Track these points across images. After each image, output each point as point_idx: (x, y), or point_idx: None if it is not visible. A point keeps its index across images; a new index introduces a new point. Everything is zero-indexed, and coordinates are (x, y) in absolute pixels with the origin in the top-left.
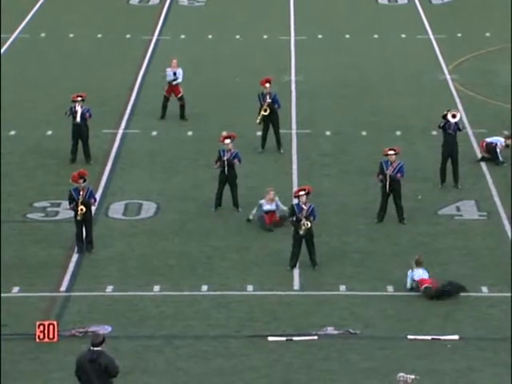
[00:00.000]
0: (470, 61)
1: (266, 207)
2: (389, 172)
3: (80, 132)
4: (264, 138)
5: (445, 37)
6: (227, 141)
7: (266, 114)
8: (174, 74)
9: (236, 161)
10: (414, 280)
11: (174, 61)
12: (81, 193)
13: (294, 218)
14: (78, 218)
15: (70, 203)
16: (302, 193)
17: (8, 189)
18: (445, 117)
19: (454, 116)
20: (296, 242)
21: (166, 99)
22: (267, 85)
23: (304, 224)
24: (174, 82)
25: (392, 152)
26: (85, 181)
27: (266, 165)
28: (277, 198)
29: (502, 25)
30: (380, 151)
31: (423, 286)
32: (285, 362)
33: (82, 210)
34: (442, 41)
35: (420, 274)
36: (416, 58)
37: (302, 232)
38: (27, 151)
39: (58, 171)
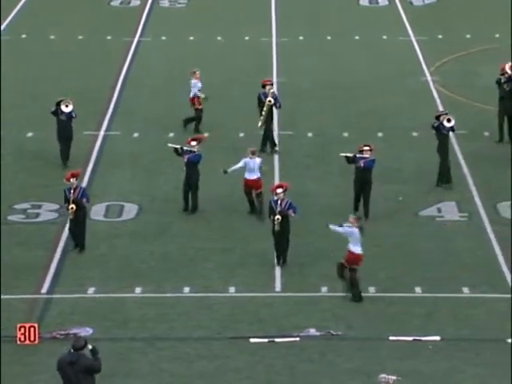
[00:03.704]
0: (451, 62)
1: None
2: (358, 160)
3: (66, 132)
4: (267, 139)
5: (426, 38)
6: (193, 143)
7: (270, 103)
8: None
9: (186, 159)
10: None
11: (198, 72)
12: (72, 191)
13: (272, 215)
14: (70, 216)
15: (64, 202)
16: (279, 190)
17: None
18: (438, 118)
19: (449, 120)
20: (276, 238)
21: (200, 111)
22: (268, 86)
23: (276, 219)
24: (197, 94)
25: (367, 148)
26: (76, 180)
27: None
28: (259, 160)
29: (483, 27)
30: None
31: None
32: (267, 364)
33: (72, 208)
34: (423, 42)
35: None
36: (397, 60)
37: (276, 227)
38: (9, 153)
39: (40, 173)
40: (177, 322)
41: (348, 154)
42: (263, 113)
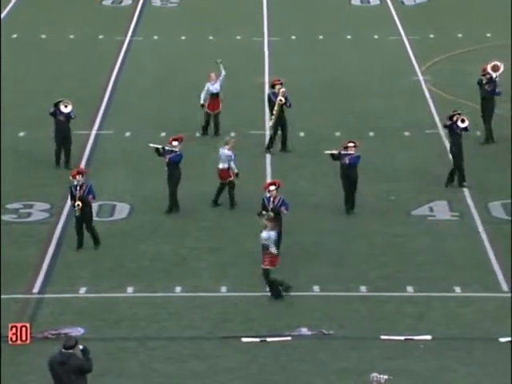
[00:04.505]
0: (443, 62)
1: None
2: (343, 157)
3: (64, 133)
4: (286, 138)
5: (417, 38)
6: (175, 143)
7: (281, 103)
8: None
9: (167, 159)
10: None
11: (212, 74)
12: (78, 189)
13: (264, 212)
14: (77, 213)
15: (71, 199)
16: (272, 187)
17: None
18: (451, 118)
19: (463, 121)
20: None
21: (208, 115)
22: (278, 86)
23: (266, 215)
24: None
25: (352, 144)
26: (82, 177)
27: (240, 166)
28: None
29: (474, 26)
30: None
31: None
32: (259, 363)
33: (78, 205)
34: (414, 42)
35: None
36: (389, 59)
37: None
38: (3, 152)
39: (32, 173)
40: (168, 321)
41: (333, 152)
42: (274, 112)
